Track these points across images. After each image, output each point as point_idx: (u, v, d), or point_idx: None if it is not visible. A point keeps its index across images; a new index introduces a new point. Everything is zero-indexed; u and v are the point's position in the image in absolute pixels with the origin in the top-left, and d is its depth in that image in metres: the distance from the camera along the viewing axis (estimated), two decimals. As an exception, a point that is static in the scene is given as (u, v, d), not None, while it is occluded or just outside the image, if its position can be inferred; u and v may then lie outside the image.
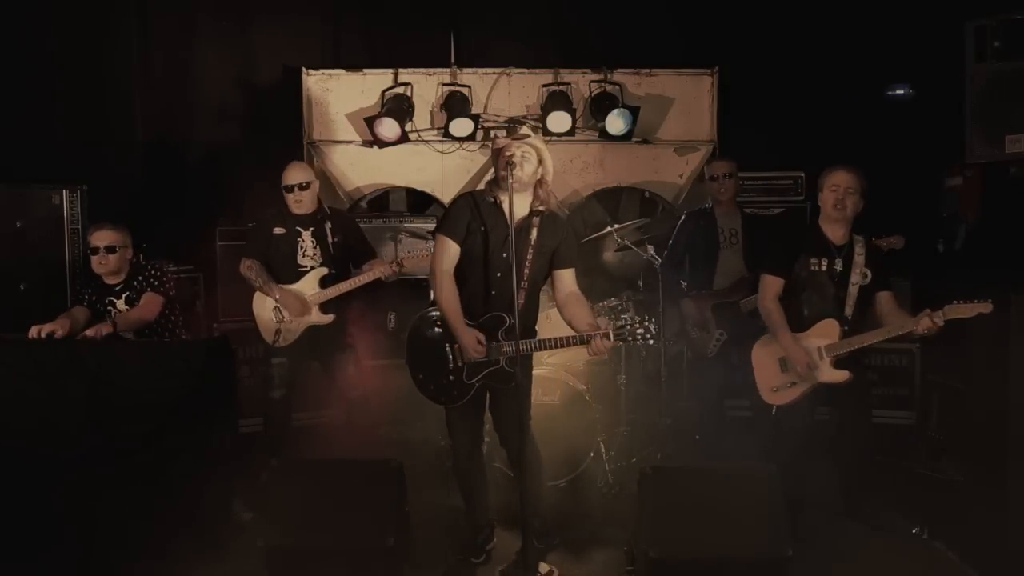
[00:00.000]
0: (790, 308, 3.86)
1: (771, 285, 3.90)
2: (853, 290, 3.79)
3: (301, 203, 4.28)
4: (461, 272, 3.40)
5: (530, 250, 3.34)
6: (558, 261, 3.44)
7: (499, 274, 3.31)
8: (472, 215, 3.37)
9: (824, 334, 3.77)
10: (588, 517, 4.09)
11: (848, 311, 3.78)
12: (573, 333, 3.32)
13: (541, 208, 3.38)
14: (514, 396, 3.22)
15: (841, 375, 3.73)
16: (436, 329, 3.45)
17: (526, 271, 3.33)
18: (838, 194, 3.79)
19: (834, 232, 3.86)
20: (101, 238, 4.06)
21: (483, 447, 3.70)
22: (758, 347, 3.95)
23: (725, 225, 4.73)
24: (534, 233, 3.35)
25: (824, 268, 3.83)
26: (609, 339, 3.20)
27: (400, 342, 5.30)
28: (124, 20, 5.59)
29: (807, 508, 3.88)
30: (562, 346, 3.35)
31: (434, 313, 3.47)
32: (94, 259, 4.07)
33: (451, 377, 3.41)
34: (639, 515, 3.29)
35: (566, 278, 3.46)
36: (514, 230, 3.16)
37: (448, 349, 3.40)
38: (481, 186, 3.71)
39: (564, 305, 3.44)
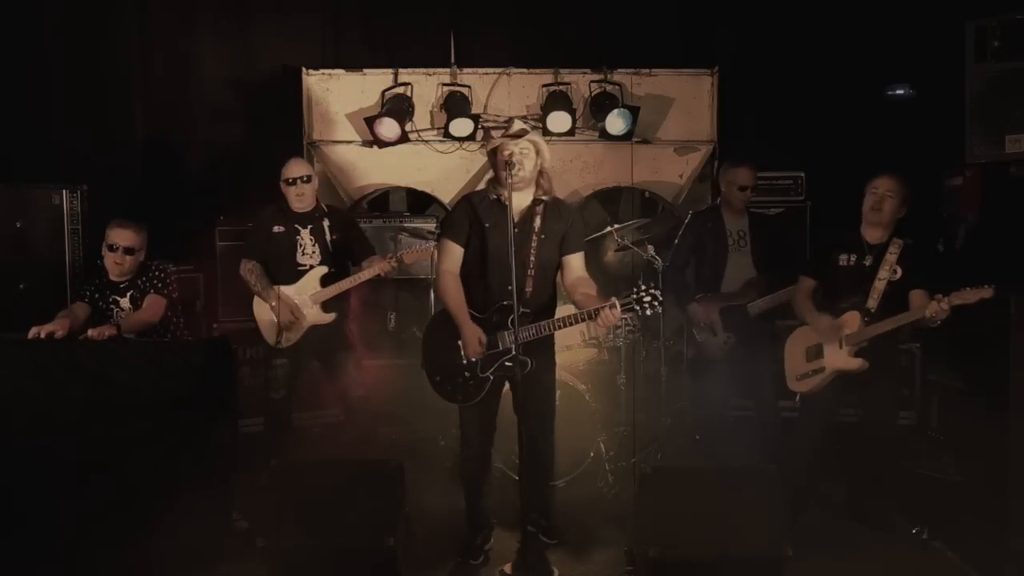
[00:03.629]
0: (823, 302, 3.96)
1: (802, 283, 4.06)
2: (880, 284, 3.80)
3: (303, 196, 4.28)
4: (472, 270, 3.48)
5: (534, 238, 3.41)
6: (565, 247, 3.50)
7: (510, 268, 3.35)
8: (472, 216, 3.46)
9: (846, 325, 3.82)
10: (588, 517, 4.10)
11: (871, 304, 3.80)
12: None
13: (544, 197, 3.46)
14: (526, 384, 3.28)
15: (857, 362, 3.77)
16: (448, 329, 3.48)
17: (532, 259, 3.41)
18: (876, 196, 3.83)
19: (871, 234, 3.90)
20: (122, 237, 4.02)
21: (492, 447, 3.72)
22: (791, 338, 4.07)
23: (733, 227, 4.60)
24: (538, 221, 3.43)
25: (853, 263, 3.88)
26: (616, 309, 3.19)
27: (399, 342, 5.36)
28: (124, 20, 5.58)
29: (808, 508, 3.89)
30: (570, 324, 3.39)
31: (444, 314, 3.52)
32: (110, 256, 4.03)
33: (466, 373, 3.46)
34: (639, 515, 3.28)
35: (574, 263, 3.52)
36: (518, 221, 3.30)
37: (461, 346, 3.45)
38: (481, 186, 3.74)
39: (573, 289, 3.51)
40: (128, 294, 4.08)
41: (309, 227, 4.31)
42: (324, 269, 4.29)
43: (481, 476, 3.68)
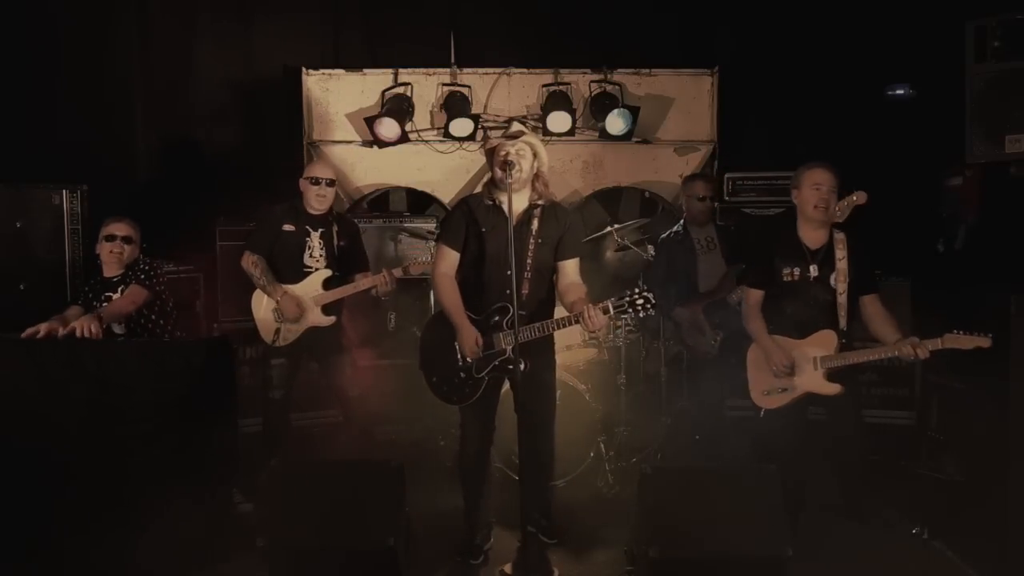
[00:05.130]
0: (783, 317, 3.73)
1: (750, 296, 3.81)
2: (843, 299, 3.63)
3: (324, 199, 4.28)
4: (469, 273, 3.49)
5: (532, 241, 3.43)
6: (560, 252, 3.52)
7: (508, 272, 3.30)
8: (469, 220, 3.48)
9: (822, 344, 3.64)
10: (588, 517, 4.10)
11: (843, 322, 3.64)
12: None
13: (540, 201, 3.47)
14: (526, 383, 3.26)
15: (833, 388, 3.61)
16: (445, 330, 3.49)
17: (529, 261, 3.42)
18: (821, 193, 3.61)
19: (812, 235, 3.70)
20: (120, 228, 4.10)
21: (491, 447, 3.73)
22: (752, 349, 3.85)
23: (700, 236, 4.72)
24: (535, 224, 3.44)
25: (797, 276, 3.66)
26: (608, 312, 3.20)
27: (399, 342, 5.36)
28: (124, 20, 5.58)
29: (807, 508, 3.89)
30: (563, 327, 3.39)
31: (441, 315, 3.52)
32: (108, 246, 4.07)
33: (462, 374, 3.47)
34: (639, 515, 3.28)
35: (568, 268, 3.54)
36: (515, 225, 3.30)
37: (457, 347, 3.46)
38: (478, 189, 3.75)
39: (565, 294, 3.52)
40: (119, 288, 4.09)
41: (320, 230, 4.30)
42: (328, 272, 4.29)
43: (480, 475, 3.69)
